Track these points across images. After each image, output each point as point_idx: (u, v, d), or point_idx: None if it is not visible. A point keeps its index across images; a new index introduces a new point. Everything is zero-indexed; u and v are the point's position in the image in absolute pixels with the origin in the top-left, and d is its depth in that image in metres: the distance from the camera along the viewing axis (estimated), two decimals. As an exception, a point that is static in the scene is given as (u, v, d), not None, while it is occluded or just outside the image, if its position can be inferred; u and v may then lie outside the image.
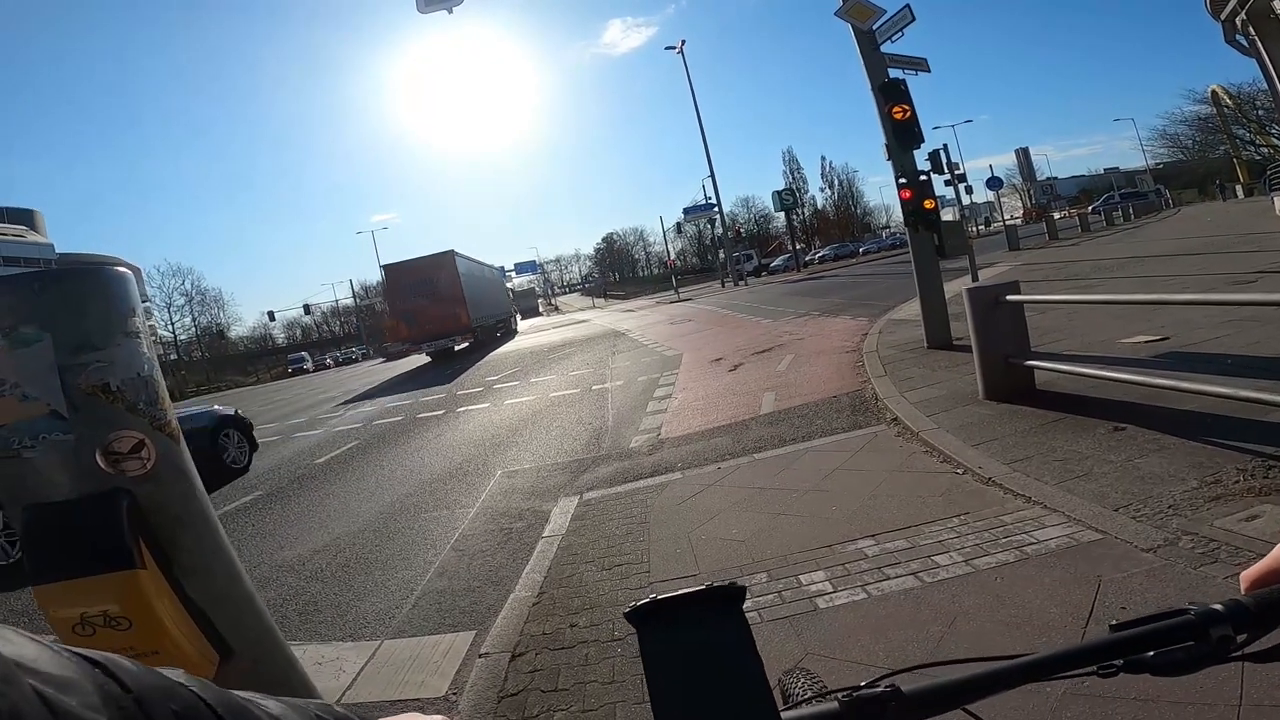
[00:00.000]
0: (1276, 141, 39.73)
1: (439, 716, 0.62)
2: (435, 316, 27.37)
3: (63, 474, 1.74)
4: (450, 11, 8.79)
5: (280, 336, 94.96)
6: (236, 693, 0.40)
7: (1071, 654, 0.56)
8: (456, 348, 28.57)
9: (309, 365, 66.34)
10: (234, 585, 2.10)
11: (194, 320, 79.28)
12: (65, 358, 1.72)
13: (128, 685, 0.34)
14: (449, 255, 28.76)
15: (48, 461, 1.73)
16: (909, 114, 8.50)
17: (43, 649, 0.32)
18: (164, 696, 0.35)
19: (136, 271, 71.69)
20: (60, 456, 1.73)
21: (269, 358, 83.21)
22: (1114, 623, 0.57)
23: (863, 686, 0.56)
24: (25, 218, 57.77)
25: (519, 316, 52.41)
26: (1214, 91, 46.55)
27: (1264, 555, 0.61)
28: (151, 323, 71.45)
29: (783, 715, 0.54)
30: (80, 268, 1.89)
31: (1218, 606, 0.55)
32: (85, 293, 1.82)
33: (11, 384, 1.68)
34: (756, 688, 0.54)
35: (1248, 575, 0.61)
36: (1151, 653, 0.55)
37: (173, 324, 76.55)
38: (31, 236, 55.62)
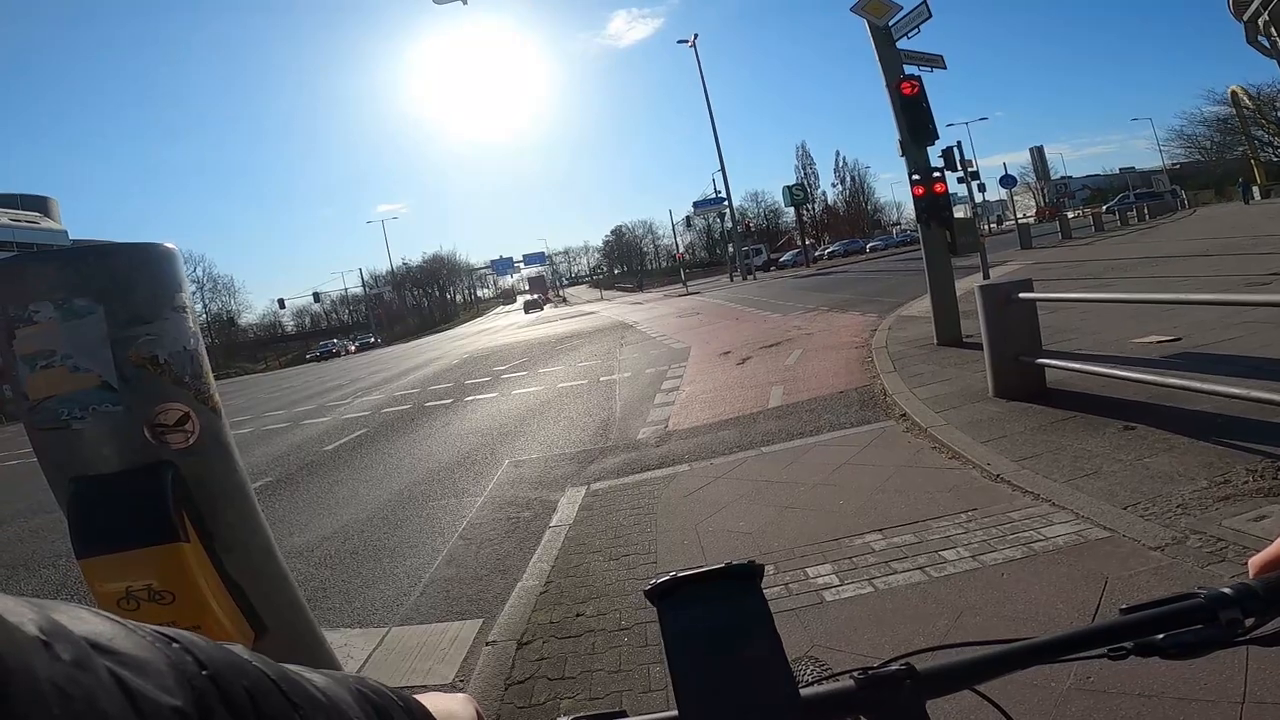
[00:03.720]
0: (1295, 143, 39.22)
1: (461, 694, 0.63)
2: (541, 293, 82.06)
3: (110, 446, 1.76)
4: (465, 2, 8.78)
5: (290, 324, 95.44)
6: (288, 666, 0.40)
7: (1082, 636, 0.57)
8: (544, 307, 65.92)
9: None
10: (269, 562, 2.11)
11: (205, 307, 79.86)
12: (116, 330, 1.74)
13: (203, 663, 0.33)
14: (542, 275, 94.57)
15: (96, 433, 1.75)
16: (919, 92, 8.46)
17: (118, 627, 0.32)
18: (236, 674, 0.35)
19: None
20: (108, 428, 1.75)
21: (279, 345, 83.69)
22: (1124, 606, 0.58)
23: (877, 666, 0.57)
24: (40, 204, 58.12)
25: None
26: (1233, 92, 46.00)
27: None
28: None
29: (801, 692, 0.54)
30: (132, 243, 1.93)
31: (1227, 590, 0.56)
32: (136, 267, 1.85)
33: (63, 354, 1.70)
34: (775, 665, 0.54)
35: (1256, 561, 0.62)
36: (1161, 635, 0.55)
37: (183, 310, 77.02)
38: (45, 223, 55.94)
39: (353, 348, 66.28)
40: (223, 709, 0.33)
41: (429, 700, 0.56)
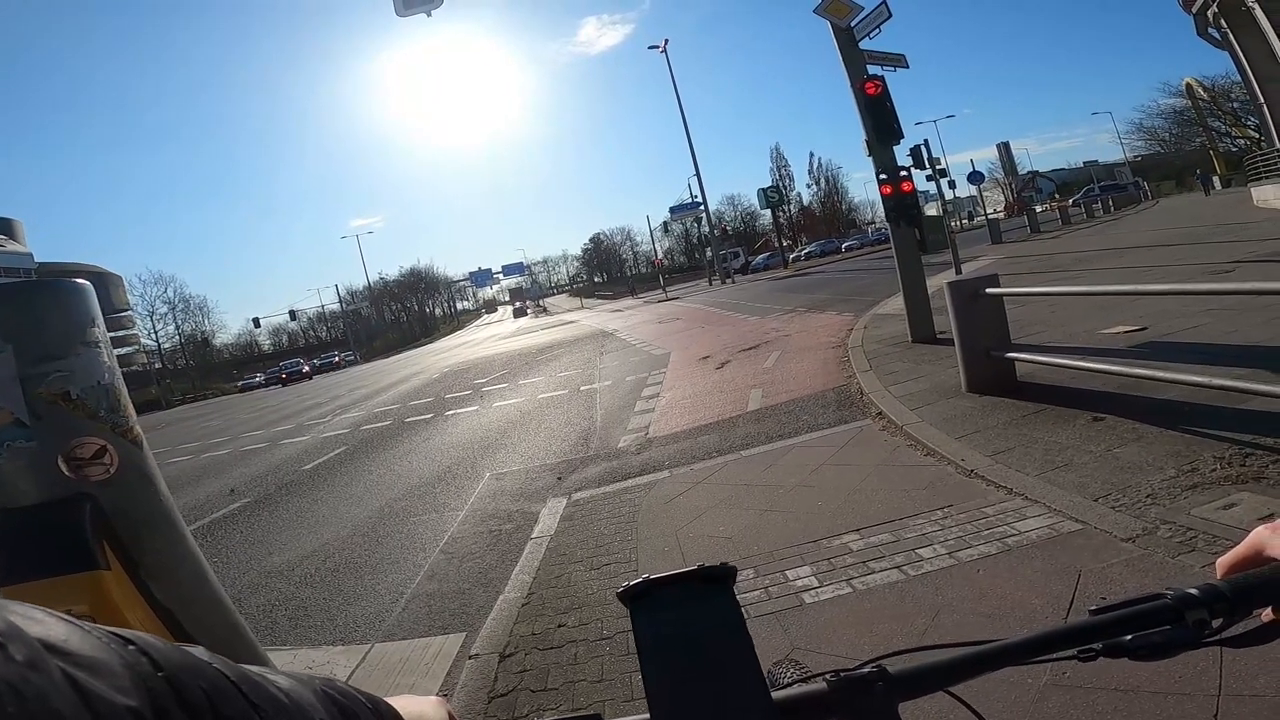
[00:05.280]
0: (1252, 133, 40.00)
1: (434, 697, 0.63)
2: (522, 302, 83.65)
3: (28, 480, 1.81)
4: (429, 15, 8.76)
5: (266, 343, 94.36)
6: (248, 667, 0.40)
7: (1052, 637, 0.57)
8: (528, 313, 71.23)
9: None
10: (201, 586, 2.15)
11: (178, 328, 78.50)
12: (26, 368, 1.78)
13: (159, 663, 0.33)
14: (520, 286, 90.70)
15: (13, 468, 1.80)
16: (882, 92, 8.56)
17: (72, 628, 0.31)
18: (193, 675, 0.34)
19: (117, 280, 70.71)
20: (24, 463, 1.80)
21: (256, 364, 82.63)
22: (1093, 607, 0.58)
23: (850, 669, 0.57)
24: (5, 227, 57.02)
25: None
26: (1188, 84, 46.94)
27: (1239, 542, 0.62)
28: (134, 331, 70.55)
29: (772, 695, 0.54)
30: (39, 281, 1.97)
31: (1193, 591, 0.56)
32: (45, 305, 1.89)
33: None
34: (747, 666, 0.54)
35: (1223, 561, 0.62)
36: (1129, 636, 0.56)
37: (156, 332, 75.67)
38: (10, 246, 54.95)
39: (309, 367, 54.41)
40: (179, 710, 0.32)
41: (400, 703, 0.56)
